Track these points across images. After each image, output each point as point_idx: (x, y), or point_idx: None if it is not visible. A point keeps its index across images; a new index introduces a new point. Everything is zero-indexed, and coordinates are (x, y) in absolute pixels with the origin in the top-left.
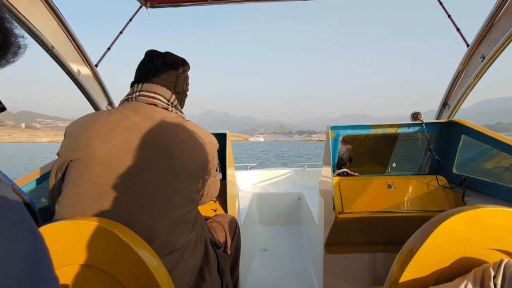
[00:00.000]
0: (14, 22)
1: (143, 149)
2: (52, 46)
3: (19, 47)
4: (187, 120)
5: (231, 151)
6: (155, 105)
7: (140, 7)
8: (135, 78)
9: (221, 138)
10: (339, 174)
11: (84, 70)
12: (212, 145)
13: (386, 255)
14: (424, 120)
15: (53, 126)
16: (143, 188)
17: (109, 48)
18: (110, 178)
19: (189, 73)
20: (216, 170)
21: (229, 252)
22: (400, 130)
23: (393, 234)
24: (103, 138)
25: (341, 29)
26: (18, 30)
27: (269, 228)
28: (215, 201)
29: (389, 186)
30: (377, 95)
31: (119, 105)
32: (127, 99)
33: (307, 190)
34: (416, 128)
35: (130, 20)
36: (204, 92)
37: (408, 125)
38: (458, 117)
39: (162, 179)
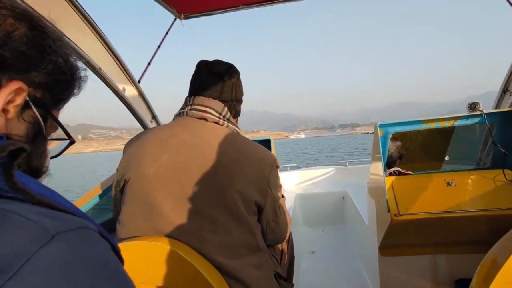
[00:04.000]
0: (73, 53)
1: (188, 168)
2: (100, 68)
3: (83, 80)
4: (240, 135)
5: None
6: (205, 119)
7: (175, 19)
8: (189, 90)
9: (266, 144)
10: (390, 174)
11: (129, 87)
12: (264, 163)
13: (447, 256)
14: (484, 110)
15: (106, 136)
16: (190, 209)
17: (149, 63)
18: (157, 198)
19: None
20: (282, 197)
21: (286, 259)
22: (456, 123)
23: (456, 235)
24: (152, 156)
25: (377, 16)
26: (80, 63)
27: (314, 229)
28: None
29: (448, 184)
30: (424, 80)
31: (173, 119)
32: (179, 114)
33: (351, 188)
34: (475, 120)
35: (167, 33)
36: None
37: (466, 117)
38: None
39: (208, 199)
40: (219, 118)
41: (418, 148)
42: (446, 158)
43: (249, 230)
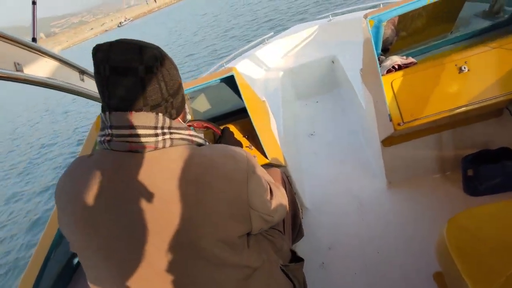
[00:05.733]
0: None
1: (141, 233)
2: None
3: None
4: (192, 148)
5: (247, 86)
6: (137, 151)
7: None
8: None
9: (230, 82)
10: (389, 70)
11: (26, 57)
12: (235, 183)
13: (454, 131)
14: None
15: (69, 25)
16: (169, 274)
17: (34, 2)
18: (115, 276)
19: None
20: (271, 195)
21: (289, 217)
22: None
23: (467, 116)
24: (90, 225)
25: None
26: None
27: (308, 101)
28: (249, 147)
29: (461, 70)
30: None
31: (97, 150)
32: (101, 143)
33: (339, 48)
34: None
35: None
36: None
37: None
38: None
39: (186, 262)
40: (156, 136)
41: (420, 24)
42: (455, 25)
43: (242, 264)
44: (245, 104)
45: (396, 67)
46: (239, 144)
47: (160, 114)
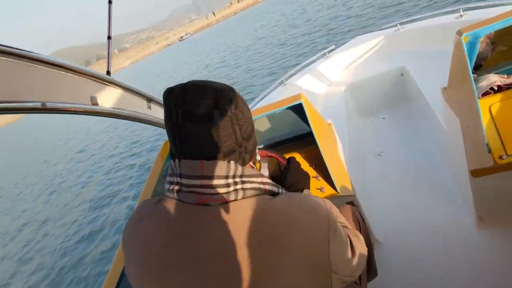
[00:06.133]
0: None
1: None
2: (43, 104)
3: None
4: (265, 200)
5: (315, 112)
6: (208, 204)
7: None
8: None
9: (298, 111)
10: (486, 93)
11: (100, 90)
12: (316, 240)
13: None
14: None
15: (138, 41)
16: None
17: (109, 37)
18: None
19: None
20: (353, 252)
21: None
22: None
23: None
24: (156, 279)
25: None
26: None
27: (374, 118)
28: (316, 177)
29: None
30: None
31: (165, 198)
32: (169, 191)
33: (409, 60)
34: None
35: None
36: None
37: None
38: None
39: None
40: (227, 187)
41: None
42: None
43: None
44: (313, 132)
45: (495, 88)
46: (307, 176)
47: (232, 162)
